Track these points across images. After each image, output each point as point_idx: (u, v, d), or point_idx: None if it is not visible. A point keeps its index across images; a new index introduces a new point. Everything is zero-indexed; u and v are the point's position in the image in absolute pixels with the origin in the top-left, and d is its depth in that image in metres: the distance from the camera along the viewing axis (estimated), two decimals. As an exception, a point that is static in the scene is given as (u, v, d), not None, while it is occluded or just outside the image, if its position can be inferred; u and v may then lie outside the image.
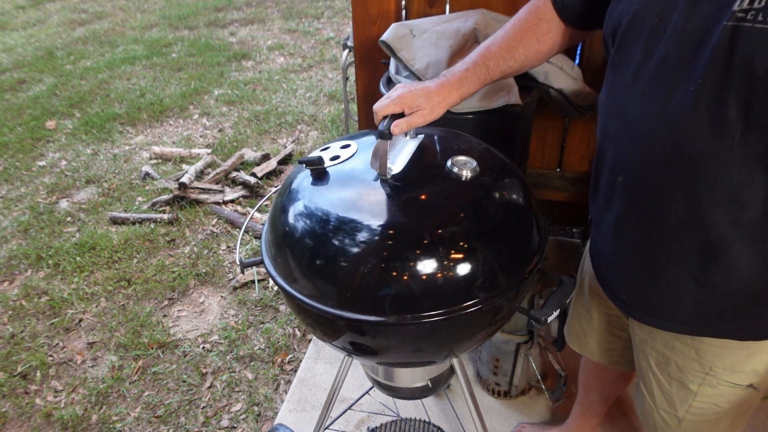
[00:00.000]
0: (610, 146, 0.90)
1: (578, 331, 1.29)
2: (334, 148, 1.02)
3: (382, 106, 0.96)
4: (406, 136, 1.01)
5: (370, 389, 1.67)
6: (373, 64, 1.96)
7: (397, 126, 0.92)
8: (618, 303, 1.00)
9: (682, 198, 0.79)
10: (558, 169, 2.19)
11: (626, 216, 0.90)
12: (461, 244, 0.84)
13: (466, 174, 0.91)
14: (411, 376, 1.16)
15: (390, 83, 1.69)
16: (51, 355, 2.17)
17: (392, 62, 1.68)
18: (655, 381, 1.02)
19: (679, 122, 0.74)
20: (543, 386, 1.73)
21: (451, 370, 1.20)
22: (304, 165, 0.97)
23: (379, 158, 0.90)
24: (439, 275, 0.82)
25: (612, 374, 1.38)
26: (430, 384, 1.16)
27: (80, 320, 2.31)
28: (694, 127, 0.73)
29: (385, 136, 0.89)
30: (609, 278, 1.01)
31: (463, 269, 0.83)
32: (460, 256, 0.83)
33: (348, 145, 1.02)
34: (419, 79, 1.49)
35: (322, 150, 1.03)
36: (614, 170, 0.90)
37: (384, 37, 1.56)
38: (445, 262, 0.82)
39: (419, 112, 0.95)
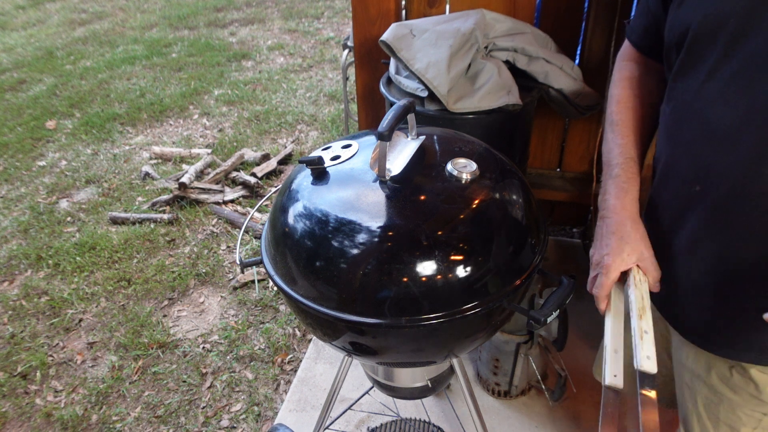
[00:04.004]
0: (683, 155, 0.85)
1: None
2: (336, 147, 1.02)
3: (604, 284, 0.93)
4: (407, 137, 1.01)
5: (370, 389, 1.67)
6: (373, 64, 1.96)
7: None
8: (688, 335, 0.93)
9: None
10: (558, 169, 2.19)
11: (704, 230, 0.84)
12: (460, 246, 0.84)
13: (466, 177, 0.90)
14: (411, 376, 1.16)
15: (390, 83, 1.69)
16: (51, 355, 2.17)
17: (392, 62, 1.68)
18: (699, 427, 0.96)
19: None
20: (543, 386, 1.73)
21: (451, 370, 1.20)
22: (304, 165, 0.97)
23: (378, 160, 0.90)
24: (439, 277, 0.82)
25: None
26: (430, 384, 1.16)
27: (80, 320, 2.32)
28: None
29: (385, 137, 0.89)
30: (676, 306, 0.95)
31: (463, 271, 0.83)
32: (460, 258, 0.83)
33: (349, 145, 1.02)
34: (419, 78, 1.49)
35: (323, 149, 1.03)
36: (689, 180, 0.84)
37: (384, 37, 1.57)
38: (444, 265, 0.82)
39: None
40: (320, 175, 0.96)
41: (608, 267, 0.91)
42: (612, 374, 0.82)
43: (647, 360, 0.79)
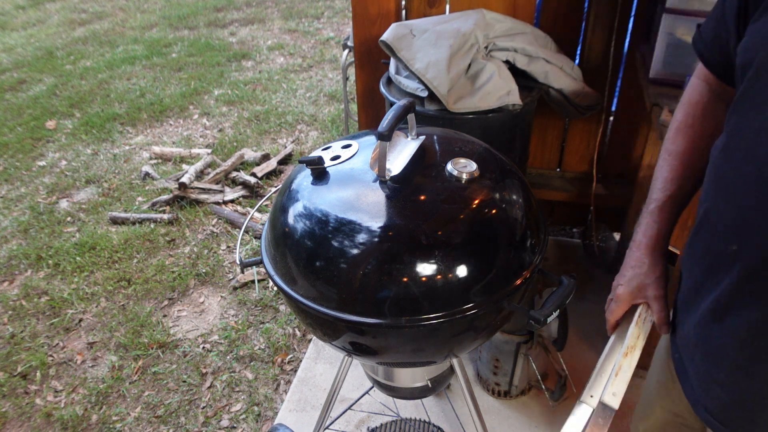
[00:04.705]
0: (725, 203, 0.72)
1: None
2: (336, 147, 1.02)
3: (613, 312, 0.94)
4: (407, 137, 1.01)
5: (370, 389, 1.67)
6: (373, 64, 1.96)
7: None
8: (698, 409, 0.83)
9: None
10: (558, 169, 2.20)
11: (735, 297, 0.71)
12: (460, 246, 0.84)
13: (466, 177, 0.90)
14: (411, 376, 1.16)
15: (390, 83, 1.69)
16: (51, 355, 2.17)
17: (392, 62, 1.68)
18: None
19: None
20: (543, 386, 1.73)
21: (451, 370, 1.20)
22: (304, 165, 0.97)
23: (378, 160, 0.90)
24: (439, 277, 0.82)
25: None
26: (430, 384, 1.16)
27: (80, 320, 2.32)
28: None
29: (385, 137, 0.89)
30: (691, 376, 0.83)
31: (463, 271, 0.83)
32: (459, 258, 0.83)
33: (349, 145, 1.02)
34: (419, 78, 1.49)
35: (323, 149, 1.03)
36: (726, 236, 0.72)
37: (384, 37, 1.57)
38: (444, 265, 0.82)
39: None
40: (320, 175, 0.96)
41: (619, 297, 0.94)
42: (589, 394, 0.87)
43: (612, 396, 0.84)
